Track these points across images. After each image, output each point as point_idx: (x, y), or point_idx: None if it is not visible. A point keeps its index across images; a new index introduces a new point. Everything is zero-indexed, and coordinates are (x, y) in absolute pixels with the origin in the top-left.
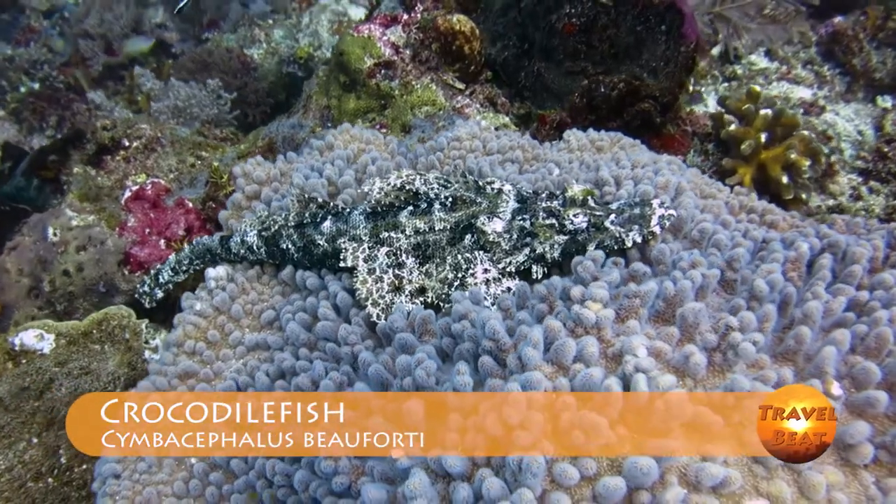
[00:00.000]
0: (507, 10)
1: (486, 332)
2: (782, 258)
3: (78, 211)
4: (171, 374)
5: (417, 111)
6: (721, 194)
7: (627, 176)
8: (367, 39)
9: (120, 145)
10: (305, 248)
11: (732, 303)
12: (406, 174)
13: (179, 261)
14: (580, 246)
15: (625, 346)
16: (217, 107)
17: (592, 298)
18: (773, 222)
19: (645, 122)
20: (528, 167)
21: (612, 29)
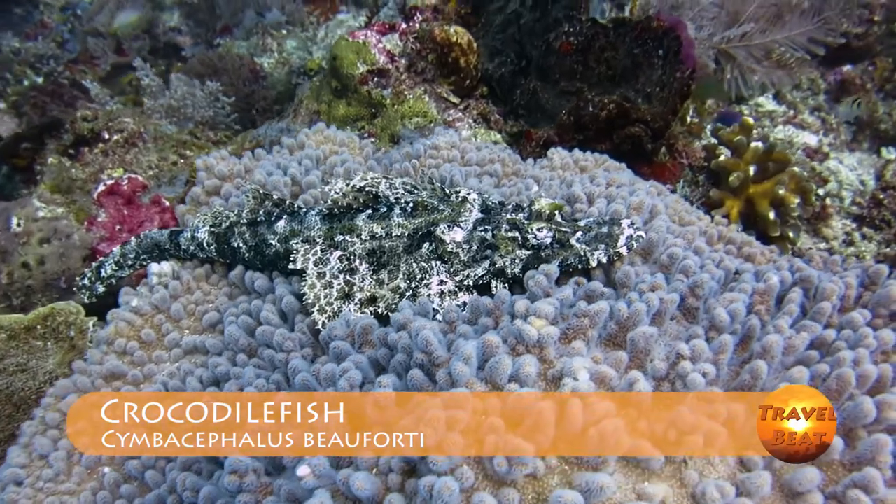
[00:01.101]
0: (506, 25)
1: (419, 344)
2: (750, 289)
3: (47, 202)
4: (95, 374)
5: (408, 122)
6: (700, 222)
7: (601, 194)
8: (361, 45)
9: (99, 137)
10: (257, 247)
11: (690, 331)
12: (371, 176)
13: (125, 254)
14: (543, 262)
15: (565, 369)
16: (214, 109)
17: (536, 314)
18: (751, 255)
19: (636, 147)
20: (506, 181)
21: (609, 51)
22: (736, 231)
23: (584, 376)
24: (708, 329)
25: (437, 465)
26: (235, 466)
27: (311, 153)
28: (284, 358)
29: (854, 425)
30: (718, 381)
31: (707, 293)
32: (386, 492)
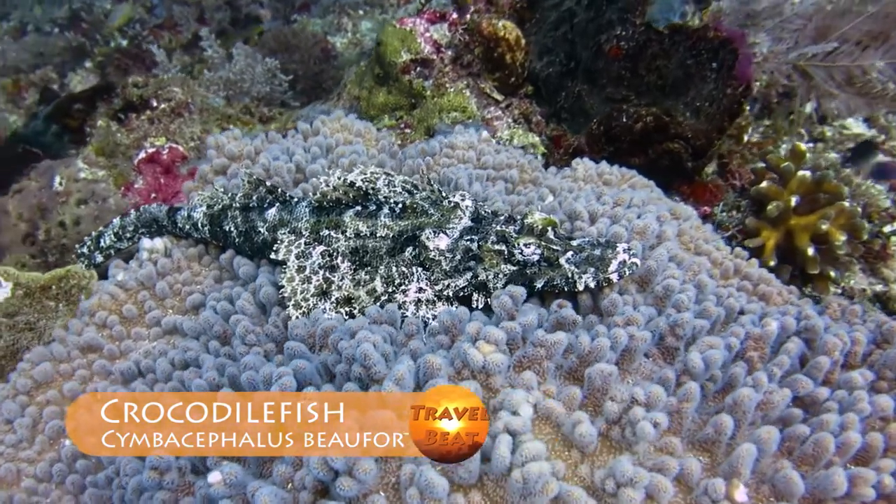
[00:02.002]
0: (559, 23)
1: (357, 356)
2: (743, 334)
3: (90, 164)
4: (72, 344)
5: (445, 116)
6: (717, 253)
7: (605, 213)
8: (407, 33)
9: (148, 105)
10: (247, 233)
11: (661, 373)
12: (371, 171)
13: (124, 226)
14: (527, 280)
15: (505, 402)
16: (271, 85)
17: (486, 339)
18: (766, 294)
19: (674, 164)
20: (521, 188)
21: (661, 59)
22: (755, 266)
23: (526, 411)
24: (681, 373)
25: (344, 490)
26: (156, 463)
27: (320, 141)
28: (245, 351)
29: (823, 497)
30: (681, 432)
31: (688, 333)
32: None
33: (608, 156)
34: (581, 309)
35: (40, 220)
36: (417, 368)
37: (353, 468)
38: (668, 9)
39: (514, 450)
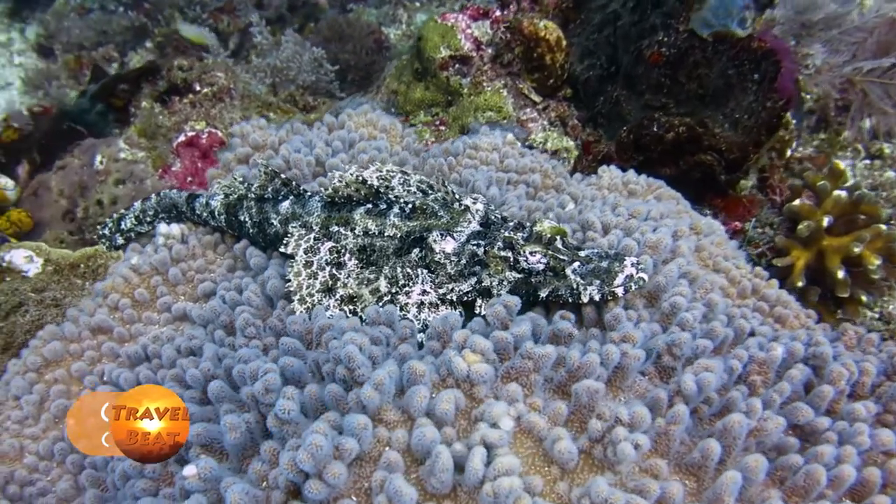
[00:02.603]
0: (603, 26)
1: (342, 358)
2: (746, 357)
3: (131, 145)
4: (83, 324)
5: (480, 115)
6: (735, 272)
7: (618, 225)
8: (448, 28)
9: (191, 88)
10: (261, 224)
11: (653, 393)
12: (387, 169)
13: (144, 210)
14: (532, 289)
15: (485, 413)
16: (317, 74)
17: (472, 348)
18: (782, 317)
19: (707, 176)
20: (542, 194)
21: (703, 68)
22: (774, 287)
23: (507, 423)
24: (674, 394)
25: (312, 493)
26: None
27: (343, 135)
28: (244, 343)
29: None
30: (669, 454)
31: (686, 353)
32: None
33: (638, 165)
34: (585, 321)
35: (80, 198)
36: (401, 374)
37: (323, 471)
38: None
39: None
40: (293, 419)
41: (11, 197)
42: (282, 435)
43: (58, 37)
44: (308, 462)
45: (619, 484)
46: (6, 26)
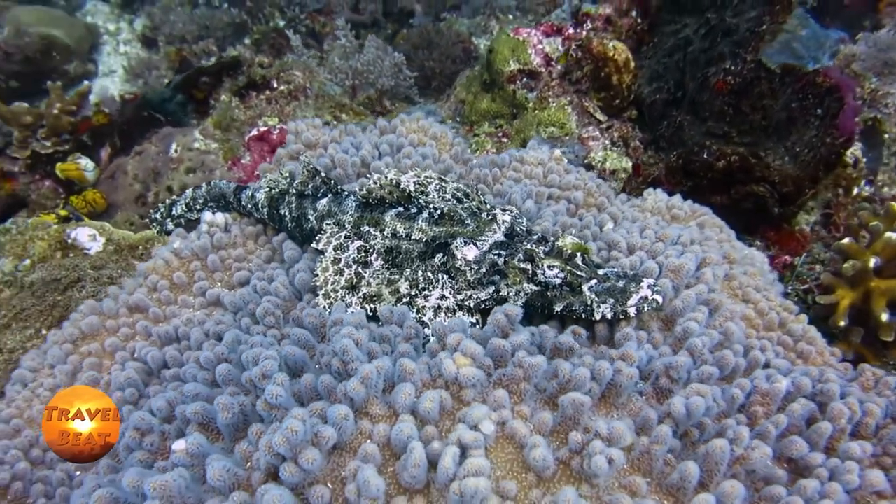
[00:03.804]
0: (674, 51)
1: (336, 350)
2: (749, 387)
3: (205, 136)
4: (122, 302)
5: (542, 130)
6: (764, 304)
7: (643, 247)
8: (519, 43)
9: (268, 85)
10: (299, 219)
11: (643, 413)
12: (425, 175)
13: (195, 198)
14: (547, 302)
15: (467, 416)
16: (396, 80)
17: (463, 351)
18: (804, 353)
19: (759, 207)
20: (583, 212)
21: (768, 99)
22: (802, 323)
23: (487, 427)
24: (664, 416)
25: (286, 476)
26: (137, 424)
27: (391, 139)
28: (262, 331)
29: None
30: (651, 473)
31: (684, 377)
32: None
33: (687, 191)
34: (597, 338)
35: (152, 183)
36: (393, 371)
37: (299, 456)
38: (817, 46)
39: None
40: (282, 404)
41: (90, 178)
42: (270, 419)
43: (162, 29)
44: (283, 445)
45: (595, 497)
46: (116, 16)
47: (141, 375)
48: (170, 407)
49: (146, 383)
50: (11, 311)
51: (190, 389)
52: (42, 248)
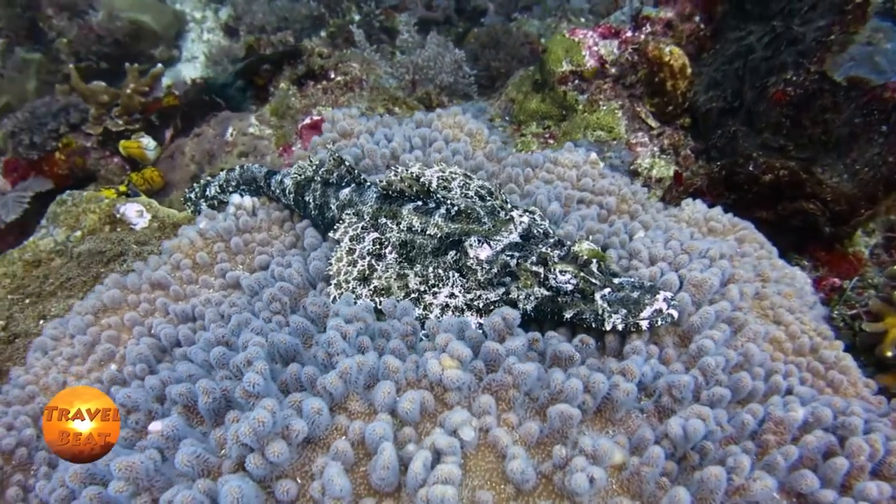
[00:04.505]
0: (734, 58)
1: (321, 342)
2: (762, 414)
3: (261, 122)
4: (145, 277)
5: (590, 133)
6: (795, 326)
7: (666, 258)
8: (574, 44)
9: (325, 75)
10: (321, 207)
11: (640, 431)
12: (449, 171)
13: (228, 180)
14: (557, 308)
15: (446, 421)
16: (455, 76)
17: (451, 353)
18: (835, 382)
19: (809, 226)
20: (614, 218)
21: (830, 113)
22: (836, 349)
23: (467, 434)
24: (661, 436)
25: (252, 467)
26: (123, 401)
27: (424, 133)
28: (268, 316)
29: None
30: (641, 496)
31: (687, 396)
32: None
33: (730, 204)
34: (606, 350)
35: (207, 165)
36: (377, 367)
37: (266, 448)
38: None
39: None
40: (259, 393)
41: (151, 156)
42: (248, 407)
43: (244, 19)
44: (249, 436)
45: None
46: (203, 5)
47: (154, 352)
48: (163, 386)
49: (159, 360)
50: (58, 279)
51: (183, 370)
52: (92, 221)
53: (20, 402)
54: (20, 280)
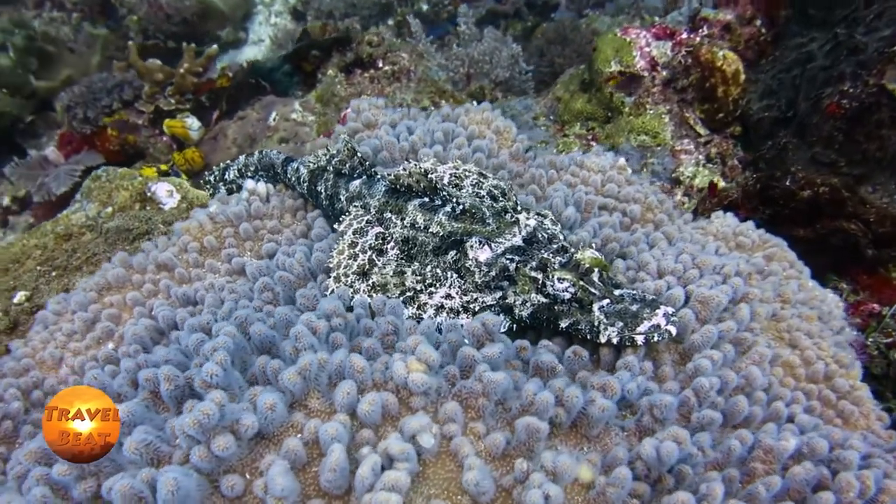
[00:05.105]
0: (793, 66)
1: (290, 336)
2: (751, 440)
3: (304, 108)
4: (152, 258)
5: (633, 137)
6: (811, 352)
7: (675, 272)
8: (624, 43)
9: (374, 64)
10: (332, 197)
11: (613, 451)
12: (464, 168)
13: (247, 165)
14: (553, 316)
15: (404, 427)
16: (511, 71)
17: (418, 357)
18: (846, 413)
19: (850, 247)
20: (637, 226)
21: (887, 129)
22: (852, 379)
23: (426, 440)
24: (635, 458)
25: (196, 460)
26: (91, 383)
27: (447, 128)
28: (259, 305)
29: None
30: None
31: (669, 417)
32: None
33: (766, 219)
34: (601, 363)
35: (247, 148)
36: (344, 365)
37: (211, 441)
38: None
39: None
40: (218, 384)
41: (194, 137)
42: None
43: (312, 3)
44: (194, 428)
45: None
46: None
47: (152, 334)
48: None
49: (156, 342)
50: (85, 254)
51: (161, 355)
52: (124, 198)
53: (14, 374)
54: (50, 252)
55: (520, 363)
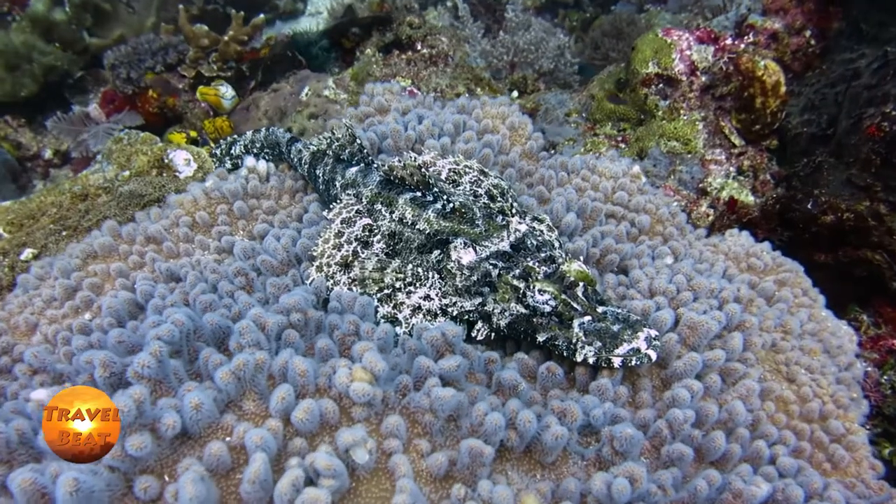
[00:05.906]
0: (837, 82)
1: (234, 330)
2: (720, 482)
3: (337, 85)
4: (142, 229)
5: (663, 142)
6: (808, 389)
7: (667, 292)
8: (665, 44)
9: (412, 46)
10: (328, 182)
11: (565, 483)
12: (464, 165)
13: (252, 141)
14: (532, 328)
15: (338, 439)
16: (556, 63)
17: (364, 366)
18: (837, 458)
19: (874, 277)
20: (645, 238)
21: None
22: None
23: (360, 455)
24: (584, 494)
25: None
26: (30, 360)
27: (458, 120)
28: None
29: None
30: None
31: (631, 451)
32: None
33: (785, 242)
34: (577, 384)
35: (277, 121)
36: (288, 367)
37: (126, 439)
38: None
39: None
40: (150, 376)
41: (227, 105)
42: None
43: None
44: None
45: None
46: None
47: (130, 307)
48: (89, 349)
49: (134, 317)
50: (96, 216)
51: (114, 336)
52: (142, 163)
53: None
54: (65, 211)
55: (484, 377)
